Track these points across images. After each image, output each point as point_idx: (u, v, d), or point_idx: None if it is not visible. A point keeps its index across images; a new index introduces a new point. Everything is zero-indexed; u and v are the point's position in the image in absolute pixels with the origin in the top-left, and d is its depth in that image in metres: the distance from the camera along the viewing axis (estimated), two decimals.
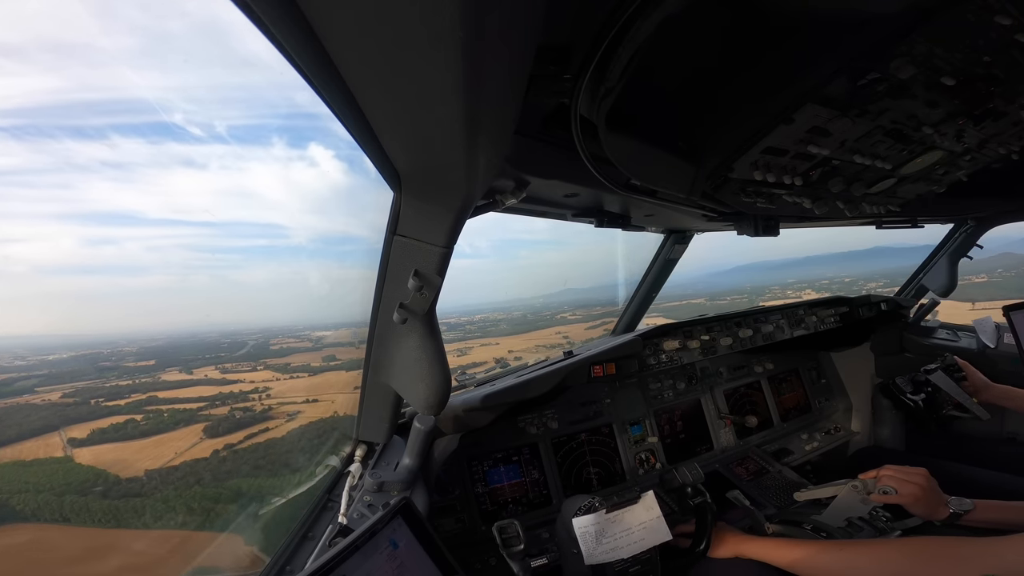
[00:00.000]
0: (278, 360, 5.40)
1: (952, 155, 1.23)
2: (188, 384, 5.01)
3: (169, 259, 30.23)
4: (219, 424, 4.31)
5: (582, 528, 1.26)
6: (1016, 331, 2.02)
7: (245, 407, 4.88)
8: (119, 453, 3.64)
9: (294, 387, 5.20)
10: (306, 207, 26.64)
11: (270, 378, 5.34)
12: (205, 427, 4.20)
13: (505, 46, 0.51)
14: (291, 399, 5.15)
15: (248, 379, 5.32)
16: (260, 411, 4.94)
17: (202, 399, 4.95)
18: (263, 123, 79.55)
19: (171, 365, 5.06)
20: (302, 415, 4.63)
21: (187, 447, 3.95)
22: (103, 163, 34.66)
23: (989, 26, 0.72)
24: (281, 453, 4.00)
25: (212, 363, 5.38)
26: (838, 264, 32.10)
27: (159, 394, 4.58)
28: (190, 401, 4.87)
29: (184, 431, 4.16)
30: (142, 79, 18.34)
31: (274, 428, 4.38)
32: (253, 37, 0.51)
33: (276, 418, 4.81)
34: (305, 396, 4.85)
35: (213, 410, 4.78)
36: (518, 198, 1.07)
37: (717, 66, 0.85)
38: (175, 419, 4.36)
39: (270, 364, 5.42)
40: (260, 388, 5.27)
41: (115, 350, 4.87)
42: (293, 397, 5.17)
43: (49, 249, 22.48)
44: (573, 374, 1.86)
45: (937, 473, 1.42)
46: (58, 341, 5.24)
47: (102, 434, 3.71)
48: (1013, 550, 0.94)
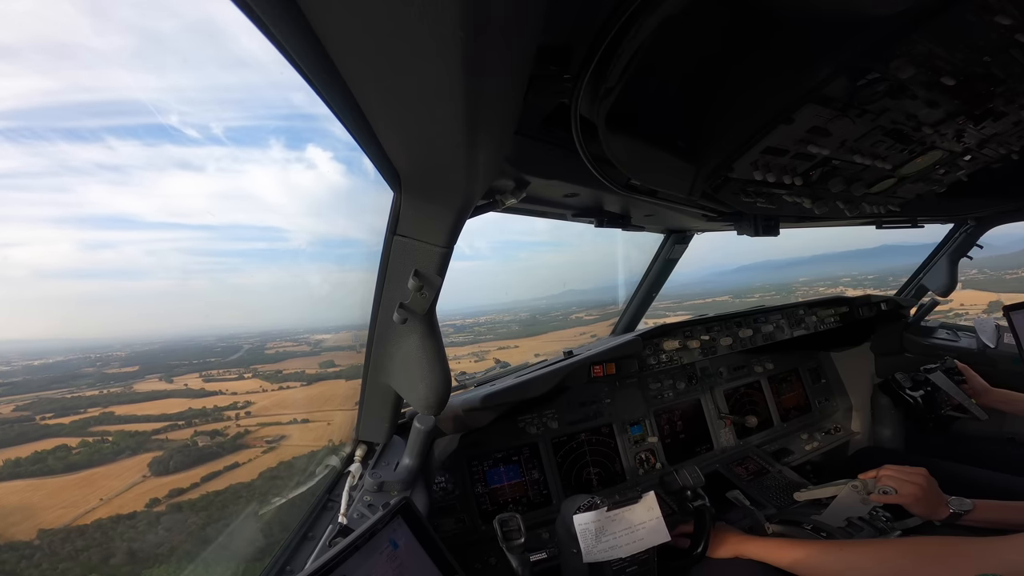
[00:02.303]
0: (270, 367, 4.54)
1: (952, 155, 1.23)
2: (160, 396, 4.04)
3: (168, 263, 30.07)
4: (173, 456, 3.28)
5: (582, 525, 1.26)
6: (1016, 331, 2.02)
7: (215, 430, 3.83)
8: (26, 495, 2.66)
9: (283, 400, 4.30)
10: (305, 209, 26.62)
11: (256, 389, 4.43)
12: (154, 459, 3.20)
13: (506, 45, 0.51)
14: (276, 417, 4.20)
15: (231, 389, 4.37)
16: (233, 436, 3.82)
17: (165, 417, 3.90)
18: (261, 124, 79.61)
19: (154, 372, 4.19)
20: (287, 442, 3.65)
21: (120, 490, 2.90)
22: (99, 166, 34.48)
23: (989, 26, 0.72)
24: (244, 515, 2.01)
25: (199, 369, 4.50)
26: (845, 263, 31.83)
27: (117, 410, 3.57)
28: (150, 420, 3.82)
29: (126, 464, 3.12)
30: (136, 80, 18.30)
31: (245, 464, 3.33)
32: (251, 37, 0.51)
33: (252, 446, 3.72)
34: (294, 414, 3.92)
35: (173, 433, 3.75)
36: (518, 198, 1.07)
37: (717, 66, 0.85)
38: (120, 446, 3.30)
39: (261, 371, 4.55)
40: (241, 403, 4.25)
41: (104, 355, 4.08)
42: (279, 415, 4.23)
43: (48, 253, 22.37)
44: (573, 374, 1.86)
45: (937, 473, 1.42)
46: (56, 345, 4.64)
47: (14, 467, 2.69)
48: (1013, 550, 0.94)
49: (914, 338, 2.69)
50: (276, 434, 3.81)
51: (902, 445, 2.60)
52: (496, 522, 1.30)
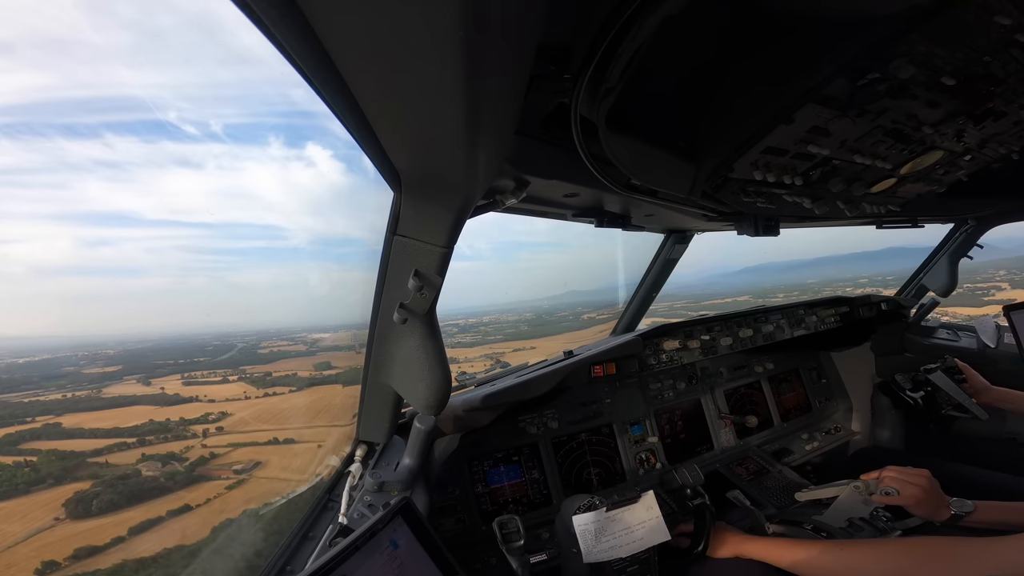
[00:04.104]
0: (261, 368, 3.90)
1: (952, 155, 1.23)
2: (125, 403, 3.32)
3: (167, 261, 29.82)
4: (102, 491, 2.36)
5: (582, 526, 1.26)
6: (1016, 331, 2.02)
7: (170, 452, 3.04)
8: None
9: (266, 411, 3.60)
10: (304, 208, 26.55)
11: (239, 395, 3.74)
12: (76, 494, 2.33)
13: (507, 45, 0.51)
14: (253, 435, 3.35)
15: (209, 395, 3.69)
16: (193, 461, 3.00)
17: (116, 432, 3.07)
18: (260, 121, 79.31)
19: (135, 372, 3.56)
20: (263, 472, 2.80)
21: (15, 540, 2.05)
22: (97, 162, 34.43)
23: (989, 26, 0.72)
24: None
25: (185, 369, 3.89)
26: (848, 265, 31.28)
27: (67, 420, 2.80)
28: (96, 435, 2.98)
29: (40, 499, 2.31)
30: (134, 76, 18.24)
31: (198, 508, 2.49)
32: (249, 35, 0.51)
33: (214, 478, 2.89)
34: (276, 431, 3.15)
35: (117, 455, 2.85)
36: (518, 198, 1.07)
37: (717, 66, 0.85)
38: (41, 473, 2.47)
39: (248, 374, 3.92)
40: (214, 414, 3.48)
41: (94, 352, 3.53)
42: (259, 430, 3.42)
43: (47, 250, 22.28)
44: (573, 374, 1.86)
45: (938, 473, 1.41)
46: (55, 343, 4.25)
47: None
48: (1014, 550, 0.94)
49: (914, 338, 2.69)
50: (249, 459, 2.95)
51: (902, 445, 2.60)
52: (495, 524, 1.30)
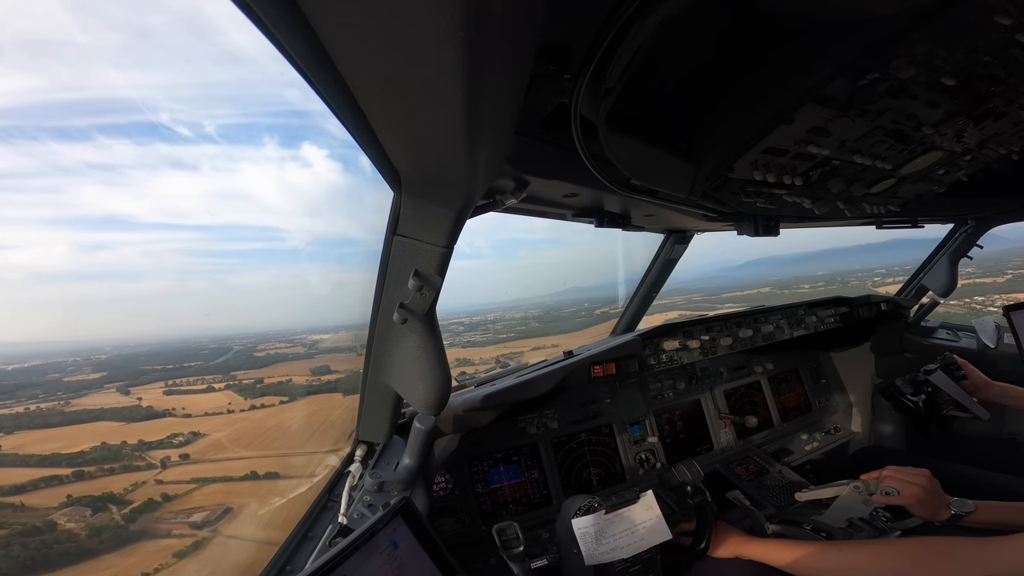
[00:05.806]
0: (254, 373, 3.53)
1: (952, 155, 1.23)
2: (86, 418, 2.86)
3: (165, 264, 29.36)
4: None
5: (582, 529, 1.26)
6: (1016, 331, 2.02)
7: (109, 493, 2.37)
8: None
9: (249, 431, 3.07)
10: (303, 209, 26.54)
11: (221, 407, 3.31)
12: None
13: (507, 45, 0.51)
14: (227, 466, 2.63)
15: (187, 408, 3.23)
16: (138, 506, 2.30)
17: (54, 459, 2.41)
18: (254, 121, 78.90)
19: (118, 380, 3.20)
20: (230, 527, 2.09)
21: None
22: (91, 165, 34.31)
23: (989, 26, 0.72)
24: None
25: (173, 376, 3.57)
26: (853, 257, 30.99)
27: (7, 442, 2.37)
28: (29, 463, 2.36)
29: None
30: (125, 77, 18.12)
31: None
32: (242, 34, 0.51)
33: (160, 535, 2.21)
34: (257, 457, 2.52)
35: (35, 495, 2.16)
36: (518, 198, 1.07)
37: (717, 66, 0.85)
38: None
39: (239, 380, 3.50)
40: (182, 435, 2.88)
41: (86, 358, 3.24)
42: (235, 457, 2.75)
43: (45, 255, 21.99)
44: (573, 374, 1.86)
45: (938, 474, 1.41)
46: (51, 348, 3.99)
47: None
48: (1014, 550, 0.94)
49: (914, 338, 2.69)
50: (216, 504, 2.14)
51: (902, 445, 2.60)
52: (494, 531, 1.30)
